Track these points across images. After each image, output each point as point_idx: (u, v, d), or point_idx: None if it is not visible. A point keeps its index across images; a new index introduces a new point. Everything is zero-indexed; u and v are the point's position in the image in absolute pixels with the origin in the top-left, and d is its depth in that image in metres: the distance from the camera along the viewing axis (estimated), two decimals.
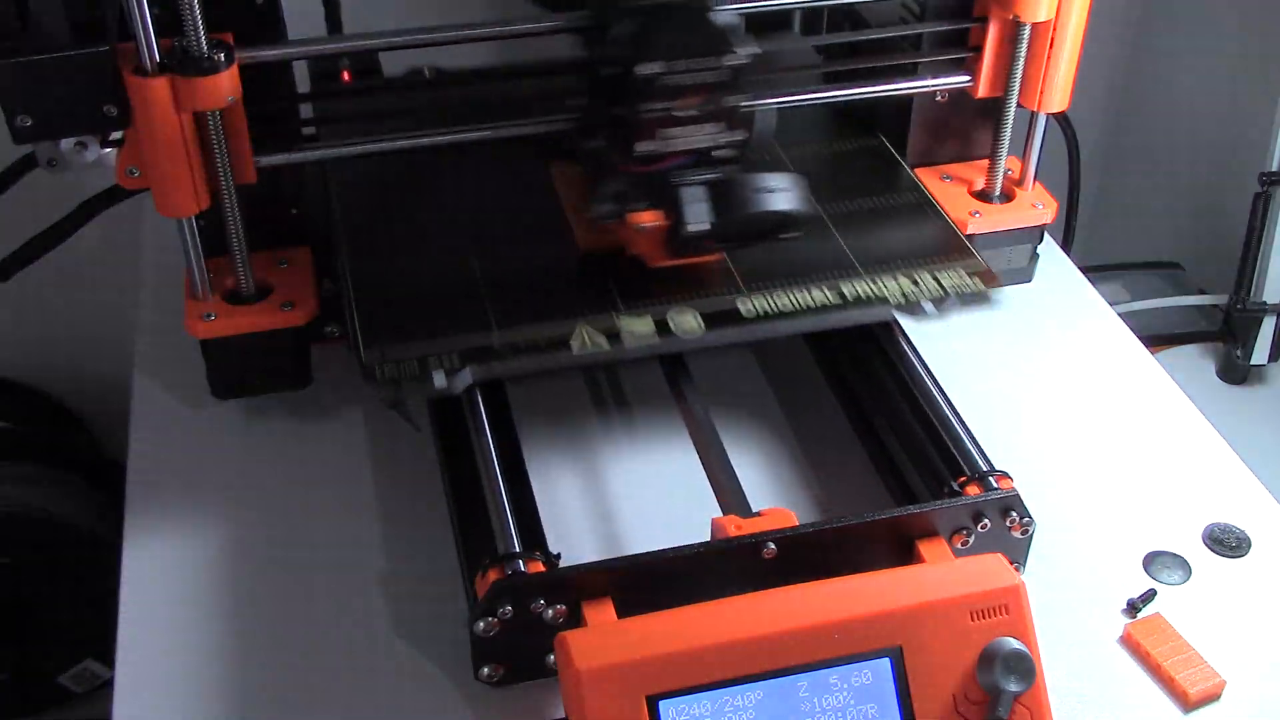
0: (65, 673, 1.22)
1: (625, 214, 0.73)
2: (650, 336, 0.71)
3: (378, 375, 0.68)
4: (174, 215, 0.71)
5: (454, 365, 0.69)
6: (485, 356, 0.70)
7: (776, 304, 0.73)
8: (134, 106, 0.67)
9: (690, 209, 0.71)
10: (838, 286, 0.75)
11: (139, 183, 0.71)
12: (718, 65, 0.69)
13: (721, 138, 0.71)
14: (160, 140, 0.68)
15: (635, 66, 0.68)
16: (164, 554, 0.72)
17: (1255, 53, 1.29)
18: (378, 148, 0.77)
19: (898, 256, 0.78)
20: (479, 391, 0.72)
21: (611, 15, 0.70)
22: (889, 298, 0.75)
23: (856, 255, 0.77)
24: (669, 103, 0.69)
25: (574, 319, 0.72)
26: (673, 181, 0.71)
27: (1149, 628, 0.67)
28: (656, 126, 0.70)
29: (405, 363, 0.69)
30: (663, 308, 0.73)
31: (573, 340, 0.70)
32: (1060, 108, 0.84)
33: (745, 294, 0.74)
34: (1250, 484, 0.77)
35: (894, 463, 0.76)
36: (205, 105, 0.68)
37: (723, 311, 0.73)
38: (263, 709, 0.64)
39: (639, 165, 0.72)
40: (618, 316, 0.72)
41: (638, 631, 0.57)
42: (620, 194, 0.73)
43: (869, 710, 0.57)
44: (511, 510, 0.66)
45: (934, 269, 0.77)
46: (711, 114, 0.70)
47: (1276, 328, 1.17)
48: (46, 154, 0.70)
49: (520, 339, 0.71)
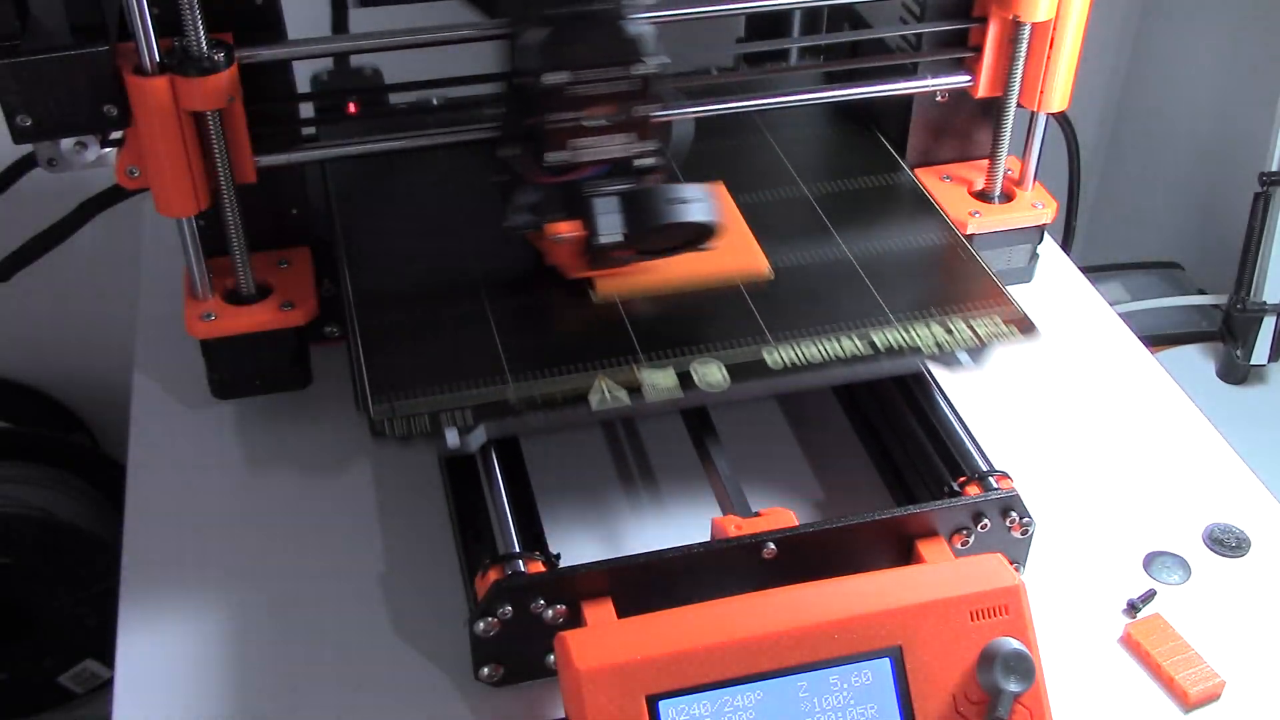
0: (65, 673, 1.22)
1: (541, 225, 0.72)
2: (673, 390, 0.68)
3: (387, 433, 0.65)
4: (174, 215, 0.71)
5: (467, 422, 0.65)
6: (500, 413, 0.66)
7: (804, 354, 0.70)
8: (134, 106, 0.67)
9: (603, 220, 0.70)
10: (868, 336, 0.71)
11: (139, 183, 0.71)
12: (626, 74, 0.68)
13: (634, 148, 0.70)
14: (160, 140, 0.68)
15: (542, 75, 0.66)
16: (164, 554, 0.72)
17: (1255, 53, 1.29)
18: (378, 148, 0.77)
19: (929, 301, 0.74)
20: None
21: (522, 23, 0.69)
22: (922, 347, 0.71)
23: (885, 300, 0.74)
24: (577, 113, 0.68)
25: (592, 369, 0.68)
26: (585, 192, 0.70)
27: (1149, 628, 0.67)
28: (566, 136, 0.68)
29: (416, 419, 0.65)
30: (685, 358, 0.69)
31: (592, 395, 0.67)
32: (1060, 108, 0.84)
33: (771, 342, 0.70)
34: (1250, 484, 0.77)
35: (894, 463, 0.76)
36: (205, 105, 0.68)
37: (748, 362, 0.69)
38: (262, 709, 0.64)
39: (551, 176, 0.70)
40: (638, 368, 0.69)
41: (638, 631, 0.57)
42: (535, 205, 0.72)
43: (869, 710, 0.57)
44: (511, 510, 0.66)
45: (967, 315, 0.73)
46: (622, 124, 0.69)
47: (1276, 328, 1.17)
48: (46, 154, 0.70)
49: (537, 393, 0.67)
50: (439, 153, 0.78)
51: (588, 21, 0.67)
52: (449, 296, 0.75)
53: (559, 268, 0.74)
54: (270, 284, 0.78)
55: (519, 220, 0.72)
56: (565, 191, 0.71)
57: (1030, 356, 0.86)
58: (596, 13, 0.68)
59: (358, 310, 0.73)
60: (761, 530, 0.64)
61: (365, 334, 0.71)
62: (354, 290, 0.75)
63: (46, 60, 0.65)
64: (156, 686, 0.65)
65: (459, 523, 0.70)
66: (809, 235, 0.80)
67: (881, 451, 0.77)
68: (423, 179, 0.85)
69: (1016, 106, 0.85)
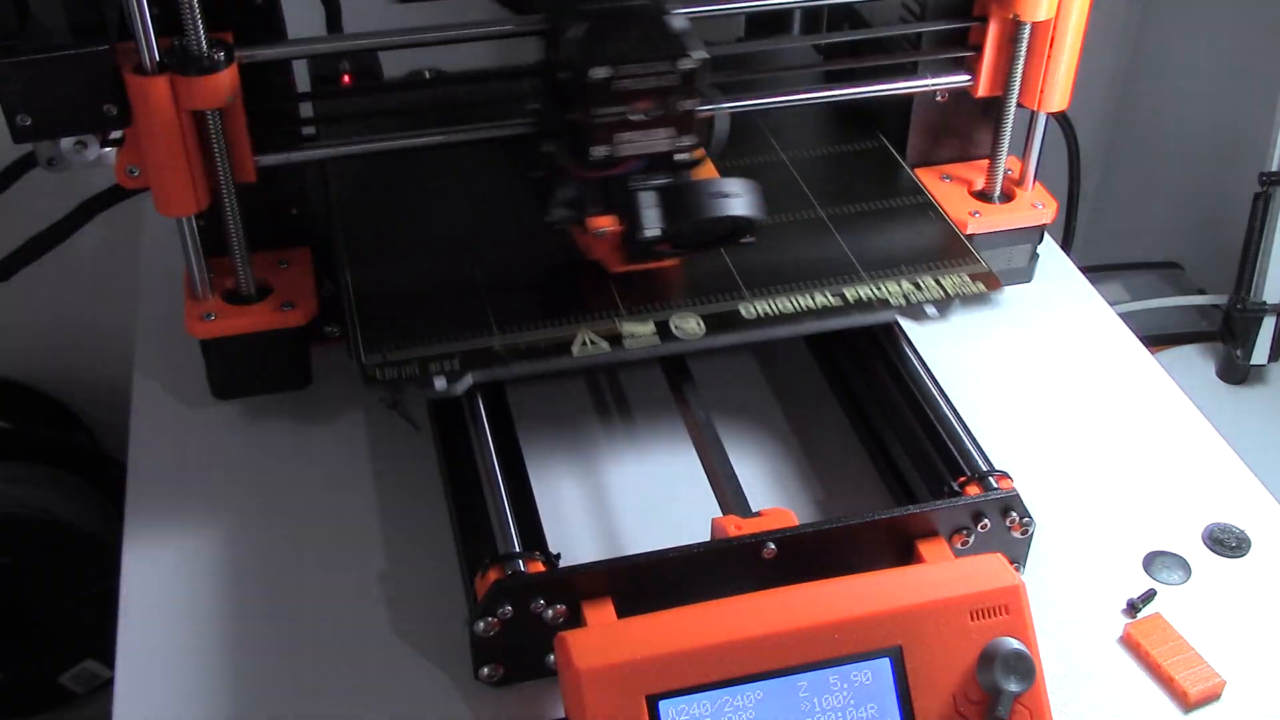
0: (65, 673, 1.22)
1: (581, 219, 0.73)
2: (651, 339, 0.71)
3: (378, 378, 0.68)
4: (174, 215, 0.71)
5: (455, 368, 0.69)
6: (486, 360, 0.69)
7: (778, 307, 0.73)
8: (134, 106, 0.67)
9: (645, 214, 0.71)
10: (839, 289, 0.75)
11: (139, 182, 0.71)
12: (670, 69, 0.68)
13: (676, 142, 0.71)
14: (160, 139, 0.68)
15: (587, 70, 0.67)
16: (164, 554, 0.72)
17: (1255, 53, 1.29)
18: (378, 147, 0.77)
19: (899, 259, 0.77)
20: (479, 392, 0.72)
21: (564, 19, 0.69)
22: (890, 300, 0.74)
23: (858, 258, 0.77)
24: (621, 107, 0.68)
25: (575, 322, 0.72)
26: (628, 186, 0.71)
27: (1149, 628, 0.67)
28: (610, 131, 0.69)
29: (406, 366, 0.69)
30: (664, 311, 0.73)
31: (574, 344, 0.70)
32: (1060, 107, 0.84)
33: (747, 297, 0.74)
34: (1250, 484, 0.77)
35: (894, 463, 0.76)
36: (205, 104, 0.68)
37: (724, 314, 0.73)
38: (263, 709, 0.64)
39: (593, 170, 0.71)
40: (619, 320, 0.72)
41: (638, 631, 0.57)
42: (575, 199, 0.72)
43: (869, 710, 0.57)
44: (511, 510, 0.66)
45: (936, 272, 0.76)
46: (665, 118, 0.69)
47: (1276, 328, 1.16)
48: (46, 153, 0.70)
49: (521, 342, 0.70)
50: (434, 113, 0.80)
51: (630, 16, 0.68)
52: (439, 253, 0.78)
53: (600, 262, 0.75)
54: (270, 284, 0.78)
55: (558, 215, 0.73)
56: (605, 186, 0.72)
57: (1030, 356, 0.86)
58: (638, 8, 0.68)
59: (351, 265, 0.76)
60: (761, 530, 0.64)
61: (358, 287, 0.74)
62: (348, 251, 0.77)
63: (46, 60, 0.65)
64: (156, 686, 0.65)
65: (459, 522, 0.70)
66: (787, 199, 0.83)
67: (881, 451, 0.77)
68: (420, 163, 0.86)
69: (1016, 106, 0.85)
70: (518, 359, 0.69)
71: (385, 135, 0.77)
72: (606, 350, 0.70)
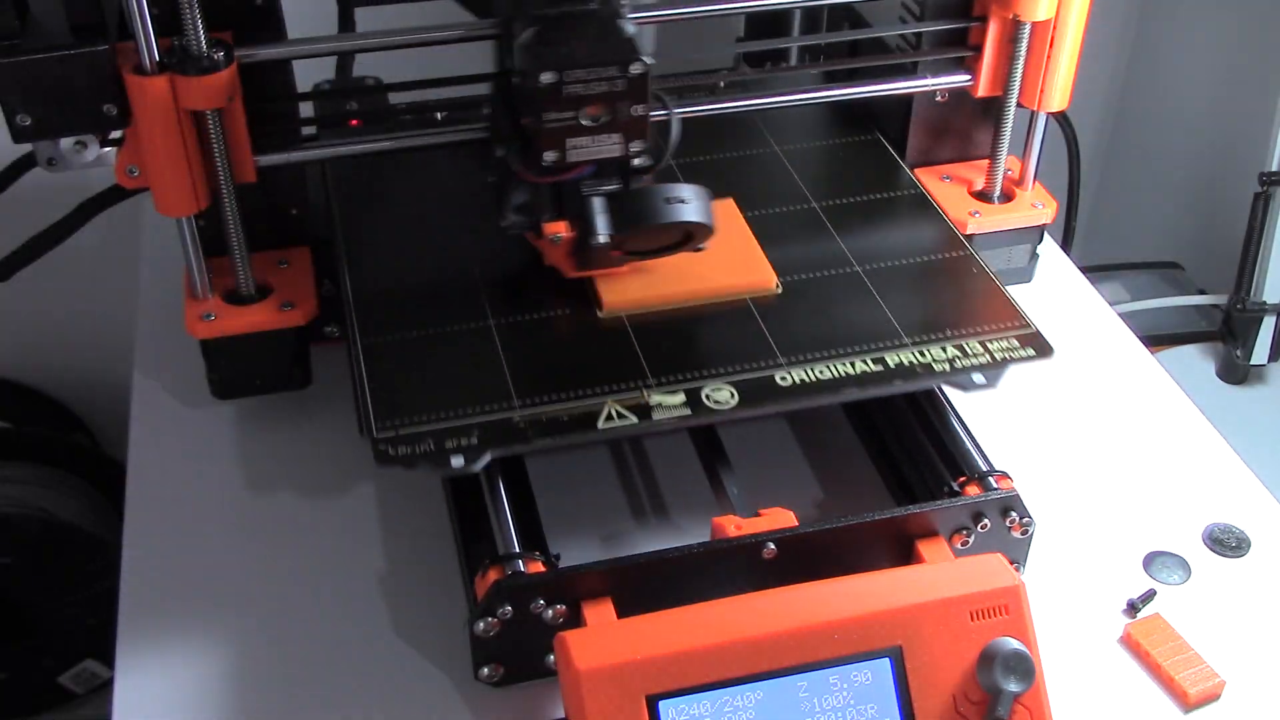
0: (65, 673, 1.22)
1: (535, 225, 0.71)
2: (682, 409, 0.66)
3: (391, 456, 0.64)
4: (174, 215, 0.71)
5: (473, 444, 0.64)
6: (507, 436, 0.64)
7: (815, 374, 0.68)
8: (133, 106, 0.67)
9: (596, 220, 0.70)
10: (880, 355, 0.70)
11: (139, 182, 0.71)
12: (620, 74, 0.67)
13: (628, 148, 0.69)
14: (160, 139, 0.68)
15: (538, 74, 0.66)
16: (164, 554, 0.72)
17: (1255, 52, 1.29)
18: (378, 147, 0.76)
19: (943, 322, 0.72)
20: None
21: (516, 22, 0.68)
22: (935, 366, 0.69)
23: (898, 319, 0.73)
24: (570, 112, 0.67)
25: (600, 392, 0.67)
26: (581, 192, 0.70)
27: (1149, 628, 0.67)
28: (560, 136, 0.68)
29: (420, 441, 0.64)
30: (695, 380, 0.68)
31: (600, 418, 0.65)
32: (1060, 107, 0.84)
33: (783, 364, 0.69)
34: (1250, 484, 0.77)
35: (894, 462, 0.76)
36: (205, 104, 0.68)
37: (758, 382, 0.68)
38: (263, 709, 0.64)
39: (544, 176, 0.70)
40: (648, 392, 0.67)
41: (638, 631, 0.57)
42: (527, 205, 0.71)
43: (869, 710, 0.57)
44: (511, 510, 0.66)
45: (981, 336, 0.71)
46: (613, 124, 0.68)
47: (1276, 328, 1.17)
48: (46, 153, 0.70)
49: (544, 415, 0.66)
50: (441, 153, 0.77)
51: (580, 21, 0.67)
52: (452, 315, 0.73)
53: (556, 268, 0.73)
54: (270, 284, 0.78)
55: (512, 220, 0.72)
56: (557, 192, 0.71)
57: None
58: (589, 12, 0.67)
59: (360, 331, 0.72)
60: (761, 530, 0.64)
61: (368, 356, 0.70)
62: (356, 308, 0.73)
63: (46, 60, 0.65)
64: (156, 686, 0.65)
65: (459, 522, 0.70)
66: (818, 249, 0.79)
67: (881, 451, 0.77)
68: (423, 177, 0.85)
69: (1016, 106, 0.85)
70: (540, 435, 0.65)
71: (385, 135, 0.76)
72: (634, 423, 0.65)
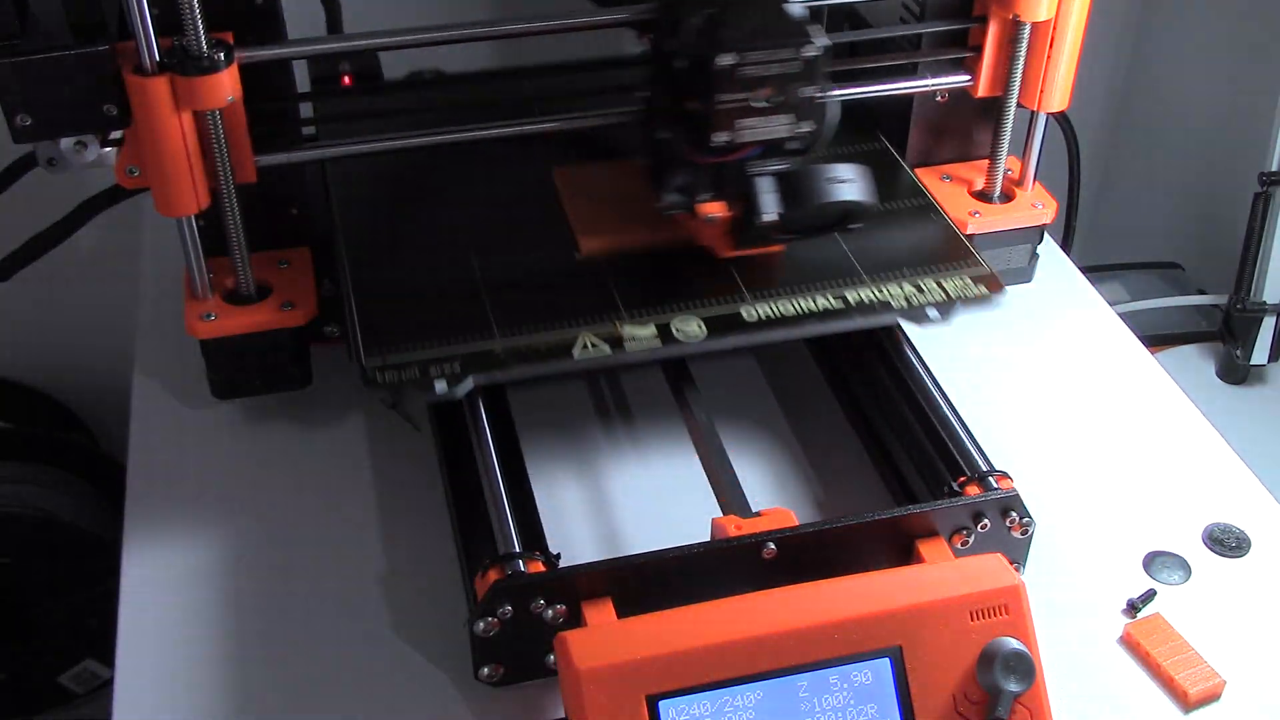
0: (65, 673, 1.22)
1: (691, 206, 0.73)
2: (652, 341, 0.71)
3: (378, 381, 0.68)
4: (174, 215, 0.71)
5: (455, 371, 0.68)
6: (487, 363, 0.69)
7: (779, 309, 0.73)
8: (134, 106, 0.67)
9: (763, 199, 0.71)
10: (841, 292, 0.74)
11: (139, 182, 0.71)
12: (794, 56, 0.69)
13: (793, 129, 0.71)
14: (160, 140, 0.68)
15: (714, 57, 0.67)
16: (164, 554, 0.72)
17: (1255, 52, 1.29)
18: (378, 147, 0.77)
19: (901, 262, 0.77)
20: (479, 393, 0.72)
21: (681, 6, 0.70)
22: (892, 303, 0.74)
23: (859, 260, 0.77)
24: (744, 94, 0.69)
25: (576, 325, 0.71)
26: (748, 172, 0.71)
27: (1149, 628, 0.67)
28: (731, 117, 0.69)
29: (406, 369, 0.68)
30: (665, 314, 0.72)
31: (575, 347, 0.70)
32: (1060, 107, 0.84)
33: (748, 300, 0.73)
34: (1250, 484, 0.77)
35: (894, 463, 0.76)
36: (205, 105, 0.68)
37: (726, 316, 0.72)
38: (263, 709, 0.64)
39: (712, 156, 0.71)
40: (620, 323, 0.72)
41: (638, 631, 0.57)
42: (686, 185, 0.73)
43: (869, 710, 0.57)
44: (511, 510, 0.66)
45: (937, 274, 0.76)
46: (784, 105, 0.70)
47: (1276, 328, 1.16)
48: (46, 153, 0.69)
49: (522, 345, 0.70)
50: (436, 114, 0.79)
51: (750, 4, 0.68)
52: (440, 256, 0.77)
53: (708, 249, 0.75)
54: (270, 284, 0.78)
55: (671, 201, 0.73)
56: (717, 173, 0.72)
57: (1030, 356, 0.86)
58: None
59: (351, 267, 0.75)
60: (761, 530, 0.64)
61: (358, 289, 0.74)
62: (348, 247, 0.77)
63: (46, 59, 0.65)
64: (156, 686, 0.65)
65: (459, 522, 0.70)
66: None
67: (881, 451, 0.77)
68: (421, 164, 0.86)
69: (1017, 106, 0.85)
70: (518, 362, 0.69)
71: (385, 135, 0.77)
72: (607, 353, 0.70)
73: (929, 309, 0.74)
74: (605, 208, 0.79)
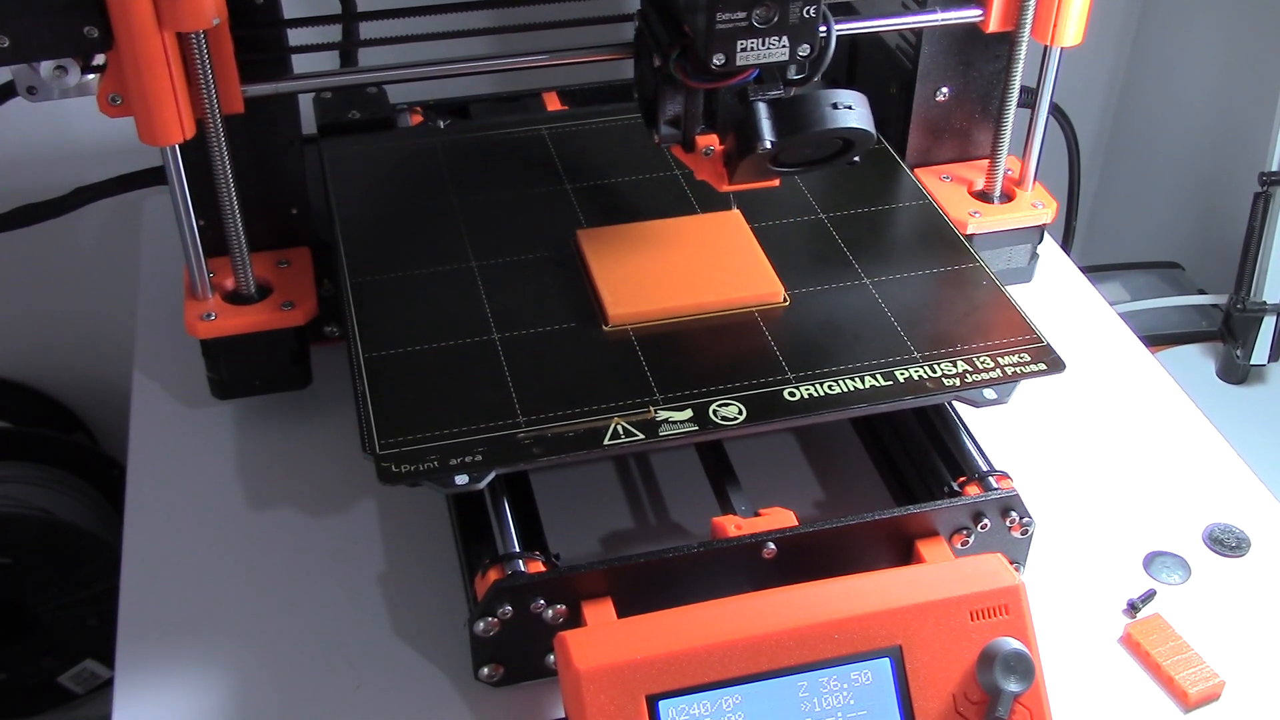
0: (65, 673, 1.22)
1: (685, 139, 0.70)
2: (689, 426, 0.65)
3: (394, 473, 0.63)
4: (158, 144, 0.68)
5: (477, 461, 0.63)
6: (511, 454, 0.63)
7: (824, 389, 0.68)
8: (115, 27, 0.64)
9: (762, 124, 0.68)
10: (890, 370, 0.69)
11: (122, 110, 0.67)
12: None
13: (794, 51, 0.67)
14: (143, 61, 0.64)
15: None
16: (164, 554, 0.72)
17: (1255, 52, 1.29)
18: (366, 79, 0.73)
19: (954, 336, 0.72)
20: None
21: None
22: (945, 381, 0.69)
23: (907, 332, 0.72)
24: (744, 13, 0.65)
25: (606, 408, 0.66)
26: (746, 98, 0.68)
27: (1149, 628, 0.67)
28: (732, 38, 0.65)
29: (424, 460, 0.63)
30: (702, 396, 0.67)
31: (606, 434, 0.65)
32: (1075, 41, 0.80)
33: (791, 379, 0.68)
34: (1250, 484, 0.77)
35: (894, 463, 0.76)
36: (189, 26, 0.65)
37: (766, 397, 0.67)
38: (262, 709, 0.64)
39: (711, 81, 0.68)
40: (654, 408, 0.66)
41: (638, 631, 0.57)
42: (679, 118, 0.70)
43: (869, 710, 0.57)
44: (512, 510, 0.66)
45: (993, 350, 0.71)
46: (785, 25, 0.66)
47: (1276, 328, 1.16)
48: (26, 80, 0.66)
49: (550, 431, 0.65)
50: (443, 154, 0.76)
51: None
52: (458, 331, 0.71)
53: (708, 182, 0.71)
54: (270, 284, 0.78)
55: (666, 133, 0.71)
56: (712, 102, 0.70)
57: None
58: None
59: (363, 344, 0.70)
60: (761, 530, 0.64)
61: (371, 370, 0.69)
62: (361, 331, 0.71)
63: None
64: (156, 686, 0.65)
65: (459, 522, 0.70)
66: (826, 262, 0.78)
67: (882, 451, 0.77)
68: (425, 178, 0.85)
69: (1029, 41, 0.81)
70: (545, 451, 0.64)
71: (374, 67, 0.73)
72: (640, 440, 0.64)
73: (985, 390, 0.69)
74: (633, 272, 0.74)
